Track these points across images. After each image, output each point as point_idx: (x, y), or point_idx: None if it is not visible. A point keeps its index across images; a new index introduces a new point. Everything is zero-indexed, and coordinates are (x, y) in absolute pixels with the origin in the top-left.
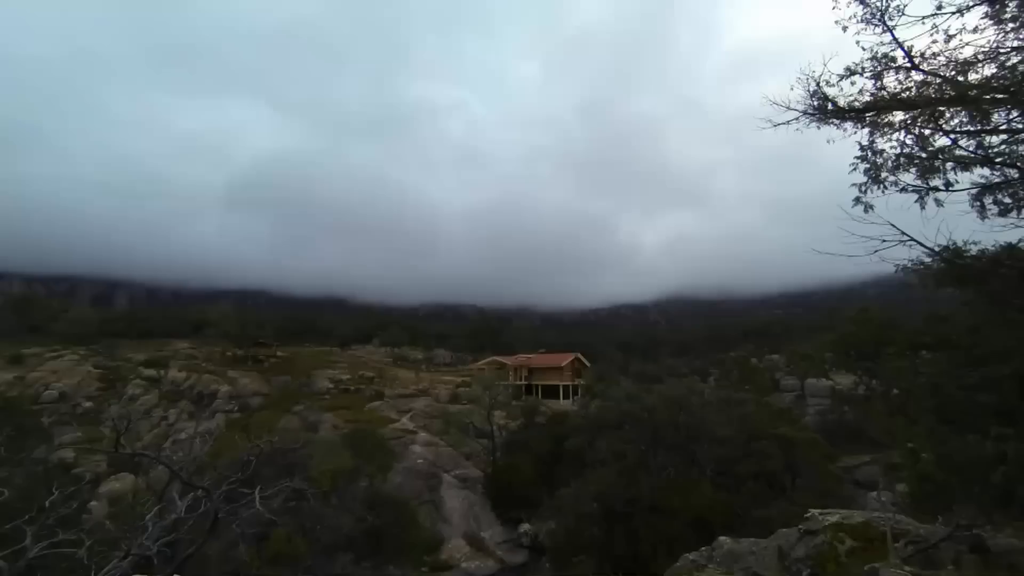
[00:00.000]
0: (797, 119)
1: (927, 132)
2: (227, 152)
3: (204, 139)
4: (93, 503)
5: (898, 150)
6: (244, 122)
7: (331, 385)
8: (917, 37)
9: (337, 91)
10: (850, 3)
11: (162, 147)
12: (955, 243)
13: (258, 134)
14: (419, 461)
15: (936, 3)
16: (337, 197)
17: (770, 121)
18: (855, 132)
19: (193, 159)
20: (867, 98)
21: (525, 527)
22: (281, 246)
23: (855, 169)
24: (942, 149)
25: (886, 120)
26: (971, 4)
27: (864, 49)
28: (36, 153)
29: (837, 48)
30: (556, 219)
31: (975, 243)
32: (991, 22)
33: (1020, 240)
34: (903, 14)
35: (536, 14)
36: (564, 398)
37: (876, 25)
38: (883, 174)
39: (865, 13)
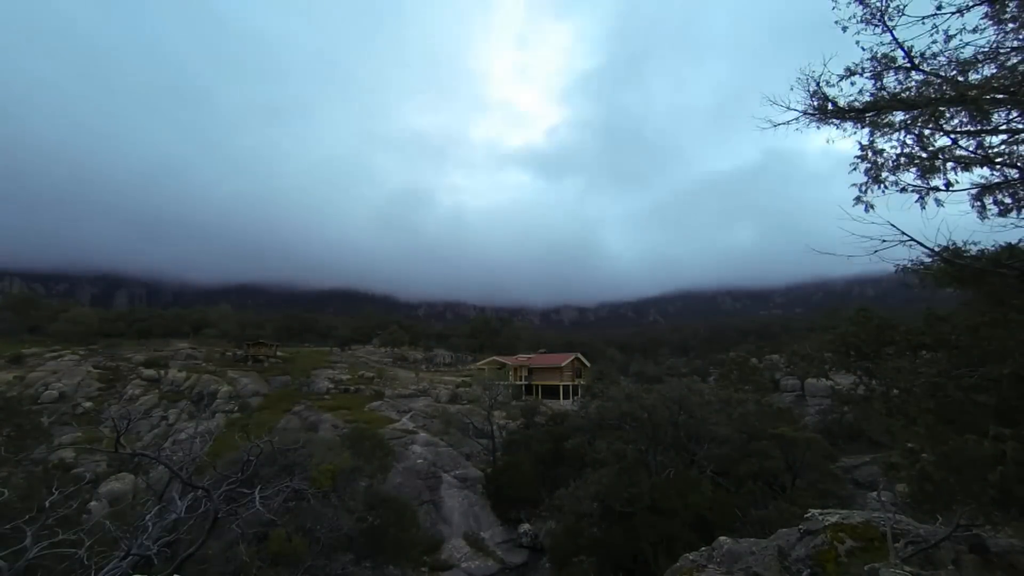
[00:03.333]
0: (797, 119)
1: (927, 132)
2: None
3: None
4: (93, 503)
5: (898, 150)
6: None
7: (331, 385)
8: (917, 37)
9: None
10: (850, 3)
11: None
12: (955, 243)
13: None
14: (419, 461)
15: (936, 3)
16: None
17: (770, 121)
18: (855, 132)
19: None
20: (867, 98)
21: (525, 527)
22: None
23: (855, 169)
24: (942, 149)
25: (886, 120)
26: (971, 4)
27: (864, 49)
28: None
29: (837, 48)
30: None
31: (975, 243)
32: (991, 22)
33: (1020, 240)
34: (903, 14)
35: None
36: (564, 398)
37: (876, 25)
38: (883, 174)
39: (865, 13)
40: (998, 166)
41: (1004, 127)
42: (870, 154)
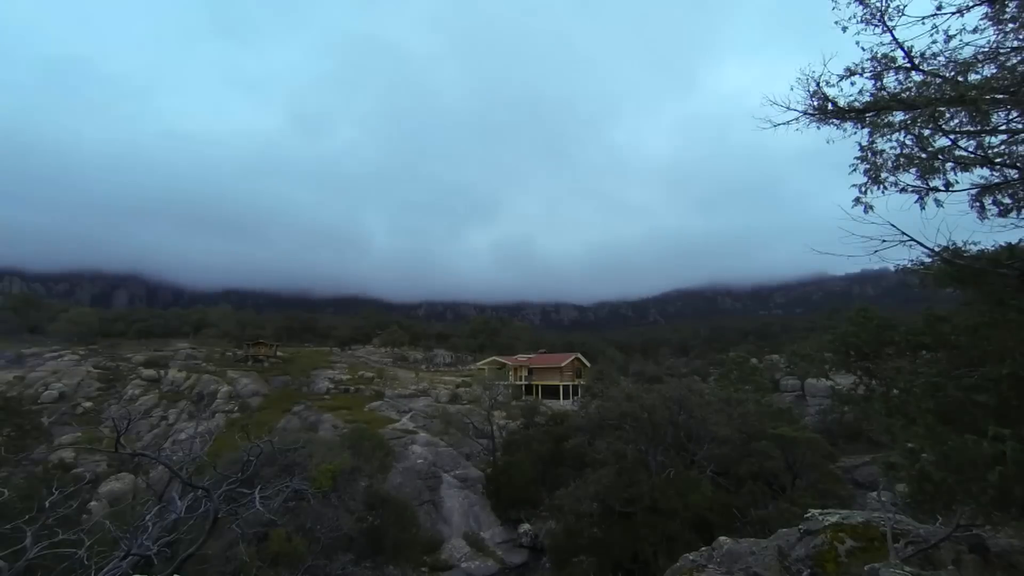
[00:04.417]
0: (797, 119)
1: (927, 132)
2: None
3: None
4: (93, 503)
5: (898, 150)
6: None
7: (331, 385)
8: (917, 37)
9: None
10: (850, 3)
11: None
12: (955, 243)
13: None
14: (419, 461)
15: (936, 3)
16: None
17: (770, 121)
18: (855, 132)
19: None
20: (867, 98)
21: (525, 527)
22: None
23: (855, 169)
24: (942, 149)
25: (886, 120)
26: (971, 4)
27: (864, 49)
28: None
29: (837, 48)
30: None
31: (975, 243)
32: (991, 22)
33: (1020, 240)
34: (903, 14)
35: None
36: (564, 398)
37: (876, 25)
38: (883, 174)
39: (865, 13)
40: (998, 166)
41: (1004, 127)
42: (870, 155)
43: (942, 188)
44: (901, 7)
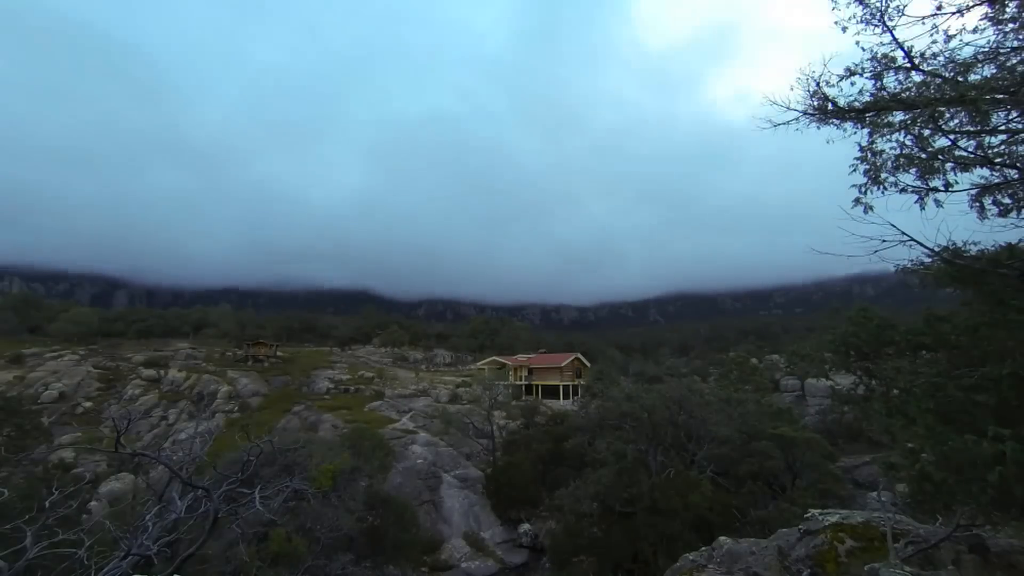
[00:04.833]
0: (797, 119)
1: (927, 132)
2: None
3: None
4: (93, 503)
5: (898, 150)
6: None
7: (331, 385)
8: (917, 37)
9: None
10: (850, 3)
11: None
12: (955, 243)
13: None
14: (419, 461)
15: (936, 3)
16: None
17: (770, 121)
18: (855, 132)
19: None
20: (867, 98)
21: (525, 527)
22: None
23: (855, 170)
24: (942, 149)
25: (886, 120)
26: (971, 4)
27: (864, 49)
28: None
29: (837, 48)
30: None
31: (975, 243)
32: (991, 22)
33: (1020, 240)
34: (903, 14)
35: None
36: (564, 398)
37: (876, 25)
38: (883, 175)
39: (865, 13)
40: (997, 167)
41: (1004, 127)
42: (869, 155)
43: (942, 188)
44: (901, 7)
